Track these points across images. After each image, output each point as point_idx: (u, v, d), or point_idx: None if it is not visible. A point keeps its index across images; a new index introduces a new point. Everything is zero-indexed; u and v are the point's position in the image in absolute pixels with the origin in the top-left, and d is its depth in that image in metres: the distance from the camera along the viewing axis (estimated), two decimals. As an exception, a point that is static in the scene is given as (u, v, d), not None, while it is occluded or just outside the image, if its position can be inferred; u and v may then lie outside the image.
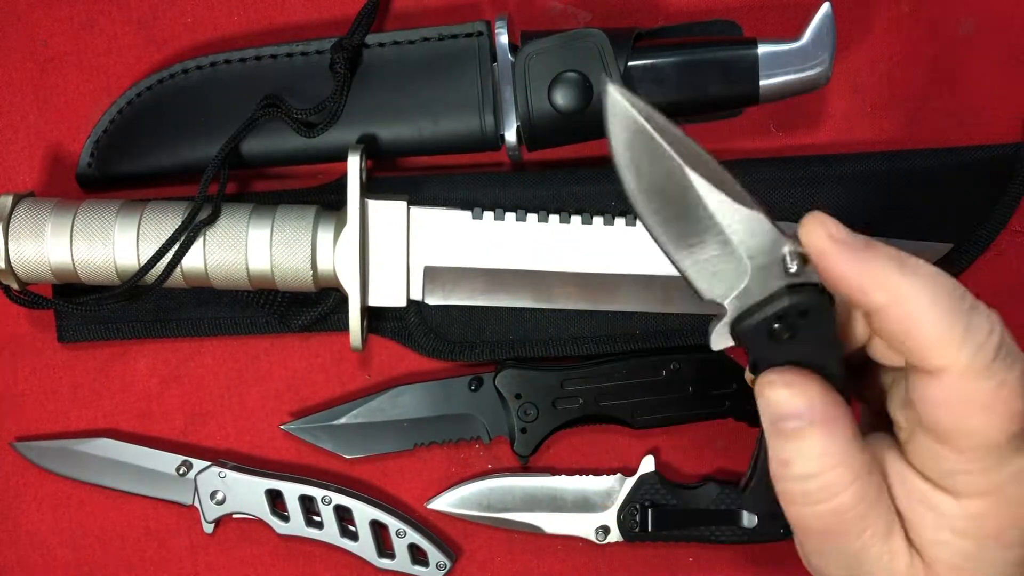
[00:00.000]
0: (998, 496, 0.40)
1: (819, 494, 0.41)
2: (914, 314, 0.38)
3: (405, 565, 0.64)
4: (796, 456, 0.41)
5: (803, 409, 0.41)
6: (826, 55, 0.58)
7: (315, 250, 0.59)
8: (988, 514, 0.40)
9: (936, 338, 0.38)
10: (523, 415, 0.63)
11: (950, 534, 0.41)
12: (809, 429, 0.40)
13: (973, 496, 0.40)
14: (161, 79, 0.64)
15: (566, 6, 0.65)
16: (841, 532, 0.41)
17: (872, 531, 0.41)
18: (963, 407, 0.39)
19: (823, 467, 0.40)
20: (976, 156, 0.63)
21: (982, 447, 0.39)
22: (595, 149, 0.65)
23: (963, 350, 0.38)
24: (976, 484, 0.40)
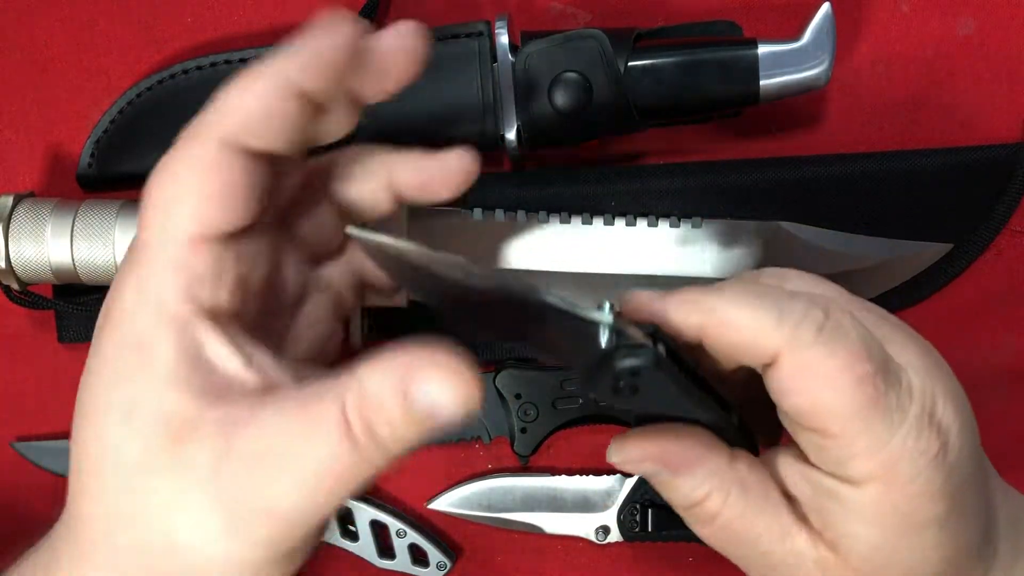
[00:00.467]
0: (892, 477, 0.39)
1: (704, 516, 0.43)
2: (726, 318, 0.40)
3: (405, 565, 0.64)
4: (673, 497, 0.44)
5: (656, 469, 0.43)
6: (826, 55, 0.58)
7: (315, 250, 0.59)
8: (886, 499, 0.40)
9: (754, 329, 0.39)
10: (523, 415, 0.63)
11: (858, 524, 0.40)
12: (670, 479, 0.43)
13: (869, 481, 0.40)
14: (161, 79, 0.64)
15: (566, 6, 0.65)
16: (738, 543, 0.44)
17: (767, 537, 0.43)
18: (807, 384, 0.39)
19: (695, 500, 0.43)
20: (976, 156, 0.63)
21: (849, 423, 0.39)
22: (595, 149, 0.65)
23: (781, 330, 0.39)
24: (867, 467, 0.39)
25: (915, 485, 0.39)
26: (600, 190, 0.63)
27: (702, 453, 0.43)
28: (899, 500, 0.40)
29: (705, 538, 0.45)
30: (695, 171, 0.63)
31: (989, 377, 0.64)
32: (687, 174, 0.63)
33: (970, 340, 0.64)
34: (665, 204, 0.63)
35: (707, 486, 0.43)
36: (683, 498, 0.43)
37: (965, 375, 0.47)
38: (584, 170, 0.64)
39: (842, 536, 0.41)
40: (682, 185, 0.63)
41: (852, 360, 0.39)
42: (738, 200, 0.63)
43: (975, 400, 0.59)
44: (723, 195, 0.63)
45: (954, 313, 0.64)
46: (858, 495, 0.40)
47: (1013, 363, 0.64)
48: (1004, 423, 0.64)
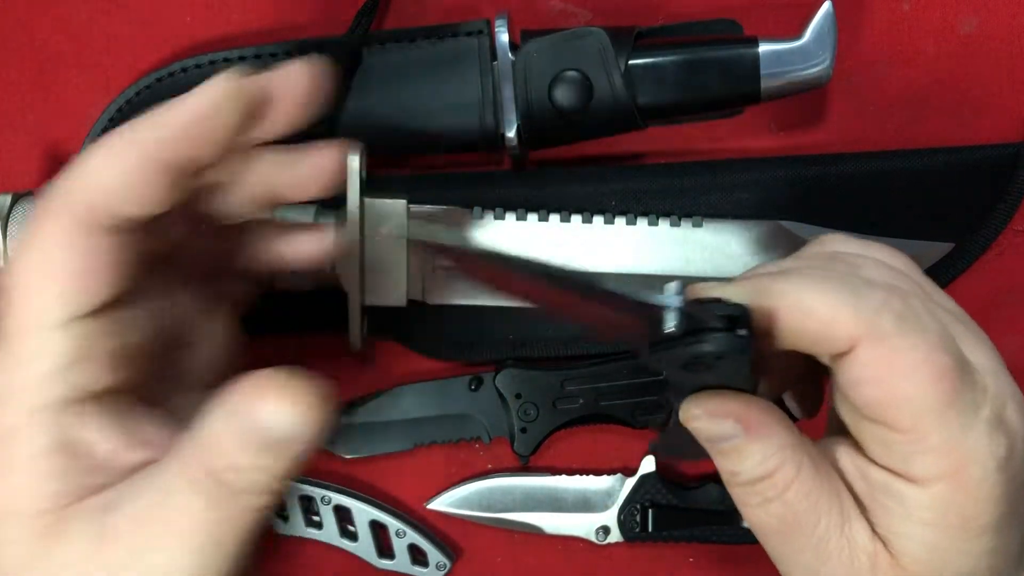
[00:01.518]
0: (960, 478, 0.38)
1: (770, 492, 0.41)
2: (802, 303, 0.39)
3: (405, 565, 0.64)
4: (740, 467, 0.41)
5: (732, 430, 0.41)
6: (827, 54, 0.58)
7: (315, 249, 0.59)
8: (951, 500, 0.39)
9: (830, 317, 0.38)
10: (523, 415, 0.63)
11: (916, 525, 0.40)
12: (744, 443, 0.41)
13: (934, 480, 0.39)
14: (160, 78, 0.64)
15: (566, 5, 0.65)
16: (797, 526, 0.41)
17: (826, 522, 0.41)
18: (885, 376, 0.38)
19: (767, 470, 0.41)
20: (976, 156, 0.63)
21: (923, 418, 0.38)
22: (595, 149, 0.65)
23: (860, 319, 0.38)
24: (936, 466, 0.38)
25: (982, 489, 0.38)
26: (600, 189, 0.63)
27: (778, 420, 0.41)
28: (964, 503, 0.39)
29: (758, 521, 0.42)
30: (695, 170, 0.63)
31: (990, 377, 0.64)
32: (687, 174, 0.63)
33: (971, 340, 0.64)
34: (665, 204, 0.63)
35: (780, 456, 0.40)
36: (754, 467, 0.41)
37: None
38: (584, 170, 0.64)
39: (897, 535, 0.40)
40: (682, 185, 0.63)
41: (932, 353, 0.38)
42: (738, 200, 0.62)
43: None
44: (723, 194, 0.63)
45: (955, 313, 0.64)
46: (920, 495, 0.39)
47: (1013, 363, 0.64)
48: (1005, 423, 0.64)
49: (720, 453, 0.42)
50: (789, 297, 0.39)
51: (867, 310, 0.38)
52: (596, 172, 0.63)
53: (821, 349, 0.40)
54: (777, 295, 0.39)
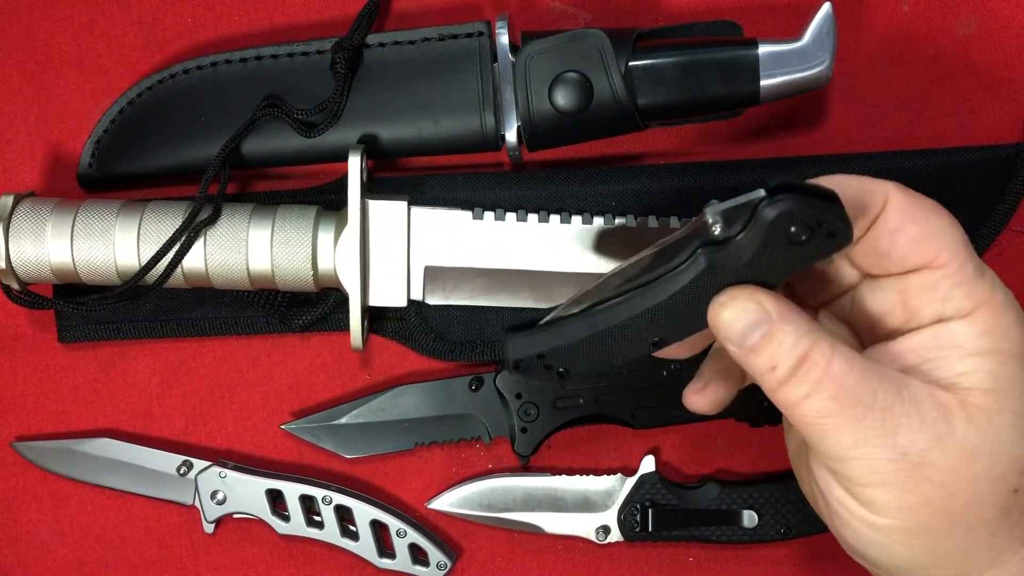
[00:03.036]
0: (994, 305, 0.44)
1: (814, 372, 0.42)
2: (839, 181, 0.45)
3: (405, 565, 0.64)
4: (778, 355, 0.43)
5: (761, 315, 0.43)
6: (826, 55, 0.58)
7: (316, 250, 0.60)
8: (995, 325, 0.44)
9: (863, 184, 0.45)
10: (524, 415, 0.63)
11: (974, 357, 0.43)
12: (776, 327, 0.43)
13: (976, 309, 0.44)
14: (161, 79, 0.64)
15: (566, 6, 0.65)
16: (855, 401, 0.42)
17: (883, 391, 0.42)
18: (920, 211, 0.45)
19: (804, 349, 0.43)
20: (976, 156, 0.63)
21: (957, 249, 0.44)
22: (595, 149, 0.65)
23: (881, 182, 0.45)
24: (974, 293, 0.44)
25: (1012, 313, 0.44)
26: (600, 190, 0.63)
27: (799, 311, 0.44)
28: (1004, 325, 0.44)
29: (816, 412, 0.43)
30: (695, 171, 0.63)
31: (989, 377, 0.64)
32: (687, 174, 0.63)
33: (970, 340, 0.64)
34: (665, 204, 0.63)
35: (812, 336, 0.43)
36: (790, 350, 0.42)
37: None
38: (584, 170, 0.64)
39: (961, 375, 0.43)
40: (682, 185, 0.63)
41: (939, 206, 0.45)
42: (738, 200, 0.62)
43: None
44: (724, 195, 0.62)
45: (954, 313, 0.64)
46: (970, 327, 0.44)
47: (1013, 363, 0.64)
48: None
49: (753, 350, 0.43)
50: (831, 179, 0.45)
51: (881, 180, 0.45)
52: (596, 172, 0.63)
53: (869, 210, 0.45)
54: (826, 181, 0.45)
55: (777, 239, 0.42)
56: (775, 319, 0.43)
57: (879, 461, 0.42)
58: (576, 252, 0.61)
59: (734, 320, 0.43)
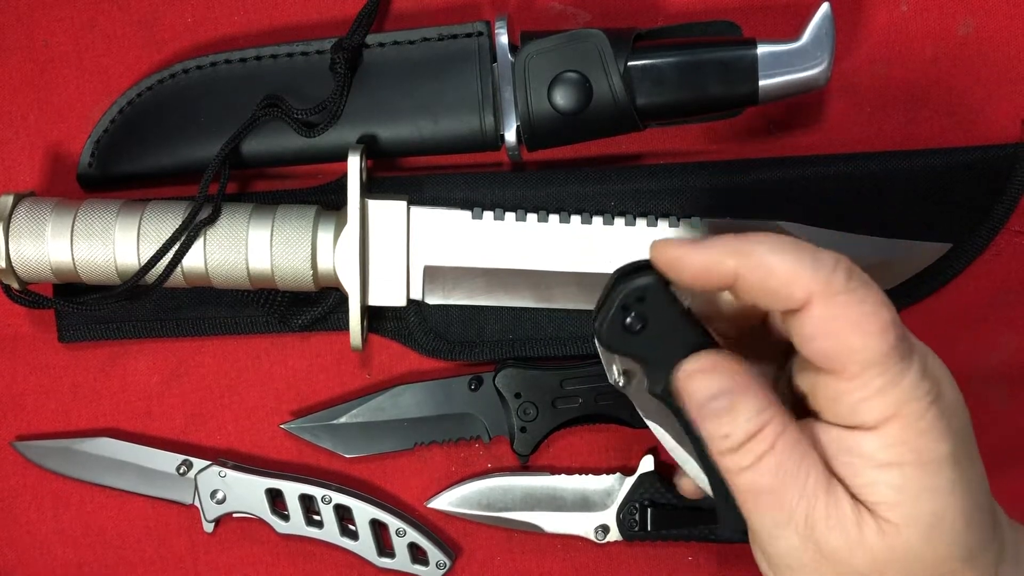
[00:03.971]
0: (903, 416, 0.42)
1: (761, 446, 0.43)
2: (764, 263, 0.42)
3: (405, 564, 0.65)
4: (733, 426, 0.43)
5: (727, 384, 0.43)
6: (825, 55, 0.58)
7: (315, 250, 0.60)
8: (901, 437, 0.42)
9: (789, 274, 0.42)
10: (523, 414, 0.63)
11: (878, 471, 0.42)
12: (738, 398, 0.43)
13: (882, 422, 0.42)
14: (161, 79, 0.64)
15: (566, 6, 0.65)
16: (789, 481, 0.43)
17: (814, 479, 0.43)
18: (837, 328, 0.41)
19: (759, 424, 0.43)
20: (976, 156, 0.63)
21: (869, 365, 0.41)
22: (595, 149, 0.65)
23: (816, 277, 0.41)
24: (878, 408, 0.42)
25: (923, 422, 0.42)
26: (600, 190, 0.63)
27: (760, 379, 0.44)
28: (911, 437, 0.42)
29: (751, 484, 0.43)
30: (695, 171, 0.63)
31: (989, 377, 0.64)
32: (687, 174, 0.63)
33: (970, 340, 0.64)
34: (665, 204, 0.63)
35: (770, 411, 0.43)
36: (746, 422, 0.43)
37: (965, 374, 0.47)
38: (584, 170, 0.64)
39: (865, 486, 0.43)
40: (682, 185, 0.63)
41: (879, 308, 0.42)
42: (738, 200, 0.63)
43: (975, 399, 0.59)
44: (723, 195, 0.63)
45: (954, 313, 0.64)
46: (874, 439, 0.42)
47: (1013, 363, 0.64)
48: (1004, 423, 0.64)
49: (713, 415, 0.44)
50: (754, 256, 0.42)
51: (823, 269, 0.42)
52: (596, 173, 0.63)
53: (779, 304, 0.43)
54: (745, 254, 0.43)
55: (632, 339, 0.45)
56: (737, 392, 0.43)
57: (795, 549, 0.43)
58: (575, 252, 0.61)
59: (699, 387, 0.44)
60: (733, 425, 0.43)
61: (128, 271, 0.59)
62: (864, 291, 0.42)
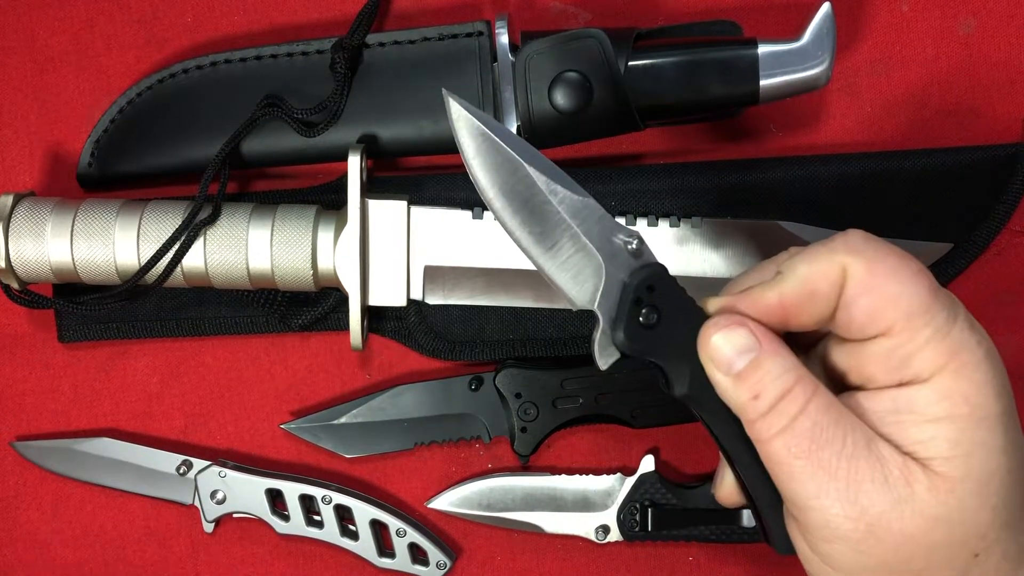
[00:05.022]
0: (955, 366, 0.42)
1: (793, 407, 0.43)
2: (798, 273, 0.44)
3: (405, 564, 0.64)
4: (763, 383, 0.43)
5: (751, 341, 0.44)
6: (826, 55, 0.58)
7: (315, 250, 0.60)
8: (955, 389, 0.42)
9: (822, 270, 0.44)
10: (523, 415, 0.63)
11: (932, 425, 0.42)
12: (763, 354, 0.43)
13: (935, 373, 0.42)
14: (161, 79, 0.64)
15: (566, 6, 0.65)
16: (826, 442, 0.42)
17: (853, 438, 0.42)
18: (873, 283, 0.43)
19: (790, 380, 0.43)
20: (976, 156, 0.63)
21: (914, 314, 0.42)
22: (595, 149, 0.65)
23: (838, 243, 0.44)
24: (930, 357, 0.42)
25: (977, 373, 0.42)
26: (600, 190, 0.63)
27: (785, 344, 0.44)
28: (966, 389, 0.42)
29: (786, 447, 0.43)
30: (695, 171, 0.63)
31: (989, 377, 0.64)
32: (687, 174, 0.63)
33: (970, 340, 0.64)
34: (665, 204, 0.63)
35: (797, 372, 0.43)
36: (774, 381, 0.43)
37: (965, 374, 0.48)
38: (584, 170, 0.64)
39: (919, 442, 0.42)
40: (682, 185, 0.63)
41: (904, 258, 0.43)
42: (738, 200, 0.63)
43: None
44: (723, 195, 0.63)
45: (954, 313, 0.64)
46: (928, 392, 0.42)
47: (1013, 363, 0.64)
48: (1004, 423, 0.64)
49: (740, 377, 0.44)
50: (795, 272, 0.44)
51: (838, 241, 0.44)
52: (596, 172, 0.63)
53: (828, 296, 0.43)
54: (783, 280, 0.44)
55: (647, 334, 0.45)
56: (763, 348, 0.43)
57: (836, 516, 0.42)
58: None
59: (723, 344, 0.44)
60: (762, 383, 0.43)
61: (128, 271, 0.59)
62: (886, 247, 0.43)
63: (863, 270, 0.43)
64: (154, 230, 0.59)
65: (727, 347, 0.44)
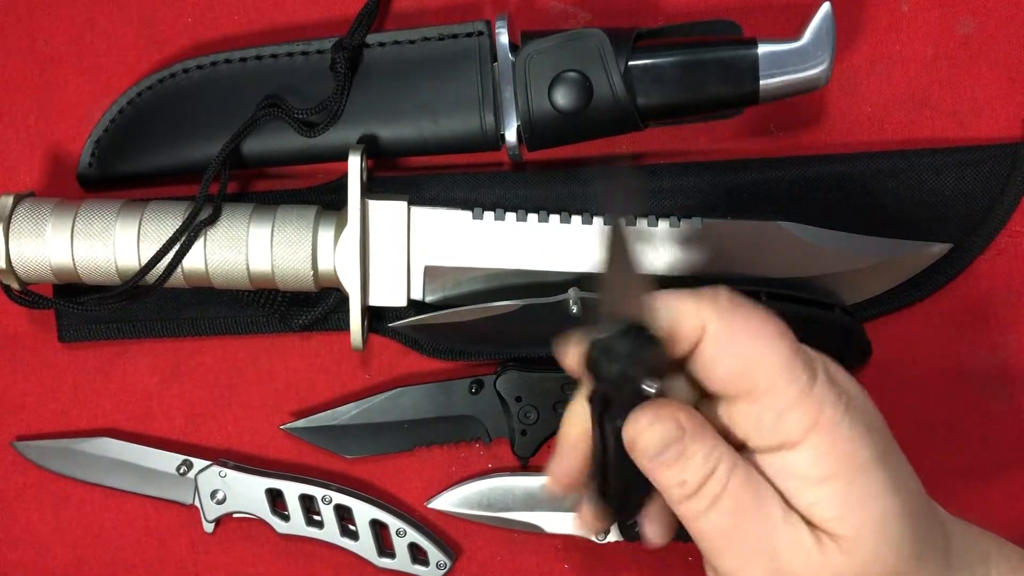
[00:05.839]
0: (822, 426, 0.42)
1: (716, 487, 0.43)
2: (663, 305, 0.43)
3: (405, 564, 0.65)
4: (687, 472, 0.43)
5: (677, 434, 0.43)
6: (826, 55, 0.58)
7: (316, 250, 0.60)
8: (826, 447, 0.42)
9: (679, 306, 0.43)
10: (523, 418, 0.63)
11: (815, 487, 0.42)
12: (689, 444, 0.43)
13: (804, 434, 0.42)
14: (161, 79, 0.64)
15: (566, 6, 0.65)
16: (748, 518, 0.43)
17: (770, 510, 0.43)
18: (736, 344, 0.43)
19: (712, 465, 0.43)
20: (976, 156, 0.63)
21: (778, 374, 0.42)
22: (595, 149, 0.65)
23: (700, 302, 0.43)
24: (797, 419, 0.42)
25: (843, 427, 0.42)
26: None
27: (703, 420, 0.44)
28: (836, 444, 0.42)
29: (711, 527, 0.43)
30: (695, 171, 0.63)
31: (989, 377, 0.64)
32: (687, 174, 0.63)
33: (970, 340, 0.64)
34: (665, 204, 0.63)
35: (719, 451, 0.43)
36: (699, 466, 0.43)
37: (965, 375, 0.48)
38: (584, 170, 0.64)
39: (810, 505, 0.43)
40: (682, 185, 0.63)
41: (768, 317, 0.43)
42: (738, 200, 0.63)
43: (974, 399, 0.59)
44: (723, 195, 0.63)
45: (954, 313, 0.64)
46: (802, 455, 0.42)
47: (1013, 363, 0.64)
48: (1004, 422, 0.64)
49: (665, 465, 0.43)
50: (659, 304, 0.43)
51: (705, 295, 0.43)
52: (596, 172, 0.63)
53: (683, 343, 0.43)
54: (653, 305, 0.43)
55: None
56: (687, 437, 0.43)
57: None
58: (576, 252, 0.61)
59: (655, 441, 0.43)
60: (686, 470, 0.43)
61: (128, 271, 0.59)
62: (750, 306, 0.43)
63: (724, 332, 0.43)
64: (154, 230, 0.59)
65: (655, 442, 0.43)
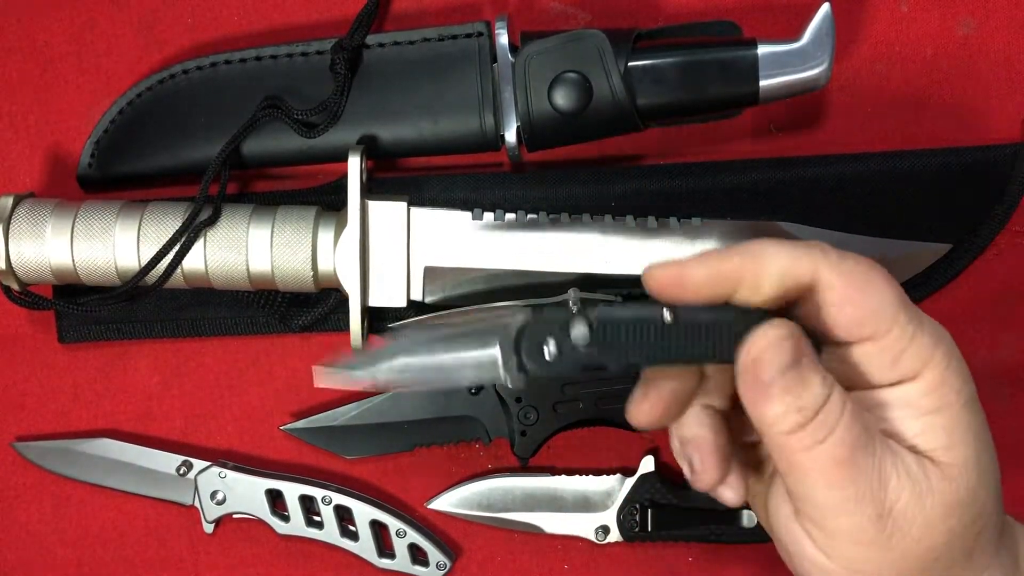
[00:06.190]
0: (936, 362, 0.43)
1: (831, 417, 0.42)
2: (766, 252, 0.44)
3: (405, 565, 0.65)
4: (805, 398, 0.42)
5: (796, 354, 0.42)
6: (826, 55, 0.58)
7: (316, 251, 0.60)
8: (940, 380, 0.44)
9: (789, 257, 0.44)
10: (523, 418, 0.63)
11: (928, 416, 0.44)
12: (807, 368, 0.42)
13: (921, 369, 0.43)
14: (161, 79, 0.64)
15: (566, 7, 0.65)
16: (861, 450, 0.42)
17: (880, 443, 0.43)
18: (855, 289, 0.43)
19: (827, 391, 0.42)
20: (976, 156, 0.63)
21: (895, 316, 0.43)
22: (595, 149, 0.65)
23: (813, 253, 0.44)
24: (916, 355, 0.43)
25: (954, 363, 0.44)
26: (600, 191, 0.63)
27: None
28: (949, 378, 0.44)
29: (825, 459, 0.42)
30: (695, 171, 0.63)
31: (989, 377, 0.64)
32: (687, 174, 0.63)
33: (970, 340, 0.64)
34: (665, 204, 0.63)
35: (831, 379, 0.43)
36: (817, 392, 0.42)
37: (965, 375, 0.48)
38: (584, 171, 0.64)
39: (919, 434, 0.44)
40: (682, 185, 0.63)
41: (875, 266, 0.44)
42: (738, 200, 0.63)
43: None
44: (723, 195, 0.63)
45: (954, 313, 0.64)
46: (918, 387, 0.44)
47: (1013, 363, 0.64)
48: (1004, 423, 0.64)
49: (784, 390, 0.42)
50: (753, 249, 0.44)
51: (814, 247, 0.44)
52: (596, 172, 0.63)
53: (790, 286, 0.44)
54: (742, 252, 0.44)
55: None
56: (806, 360, 0.42)
57: (868, 518, 0.42)
58: (575, 252, 0.61)
59: (773, 359, 0.42)
60: (804, 397, 0.42)
61: (128, 272, 0.59)
62: (853, 256, 0.44)
63: (840, 280, 0.43)
64: (154, 231, 0.59)
65: (776, 361, 0.42)
